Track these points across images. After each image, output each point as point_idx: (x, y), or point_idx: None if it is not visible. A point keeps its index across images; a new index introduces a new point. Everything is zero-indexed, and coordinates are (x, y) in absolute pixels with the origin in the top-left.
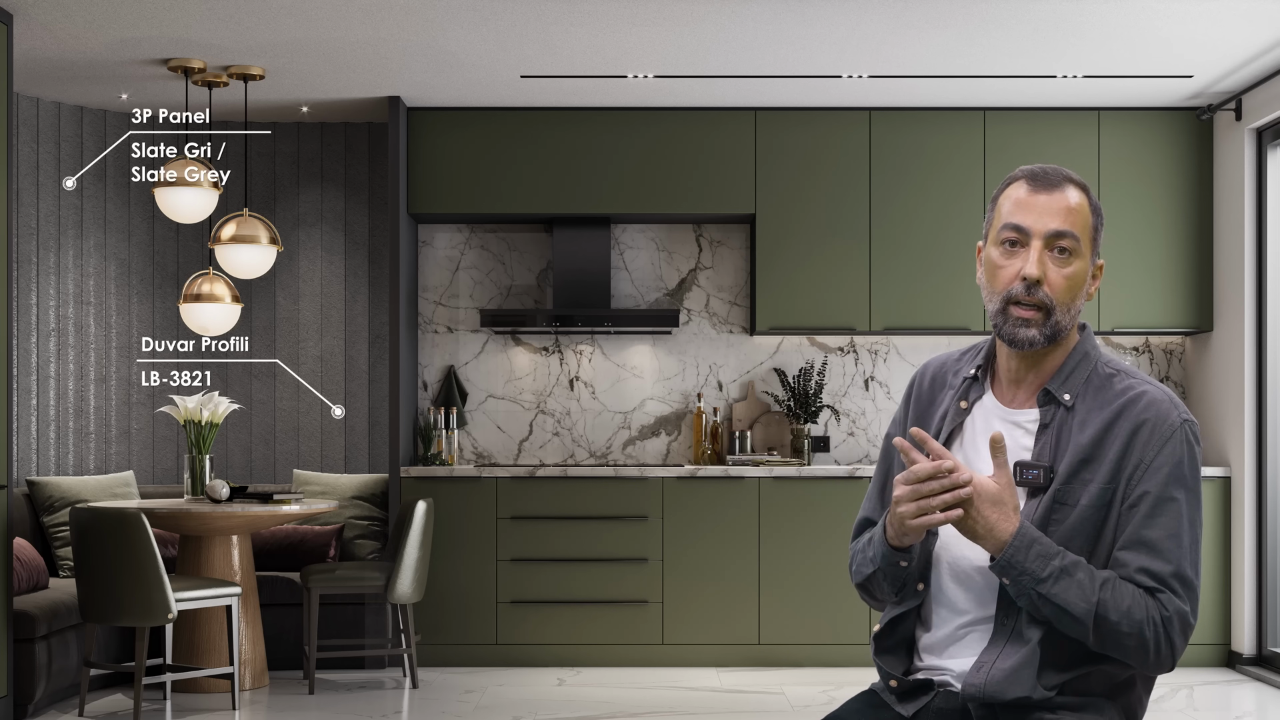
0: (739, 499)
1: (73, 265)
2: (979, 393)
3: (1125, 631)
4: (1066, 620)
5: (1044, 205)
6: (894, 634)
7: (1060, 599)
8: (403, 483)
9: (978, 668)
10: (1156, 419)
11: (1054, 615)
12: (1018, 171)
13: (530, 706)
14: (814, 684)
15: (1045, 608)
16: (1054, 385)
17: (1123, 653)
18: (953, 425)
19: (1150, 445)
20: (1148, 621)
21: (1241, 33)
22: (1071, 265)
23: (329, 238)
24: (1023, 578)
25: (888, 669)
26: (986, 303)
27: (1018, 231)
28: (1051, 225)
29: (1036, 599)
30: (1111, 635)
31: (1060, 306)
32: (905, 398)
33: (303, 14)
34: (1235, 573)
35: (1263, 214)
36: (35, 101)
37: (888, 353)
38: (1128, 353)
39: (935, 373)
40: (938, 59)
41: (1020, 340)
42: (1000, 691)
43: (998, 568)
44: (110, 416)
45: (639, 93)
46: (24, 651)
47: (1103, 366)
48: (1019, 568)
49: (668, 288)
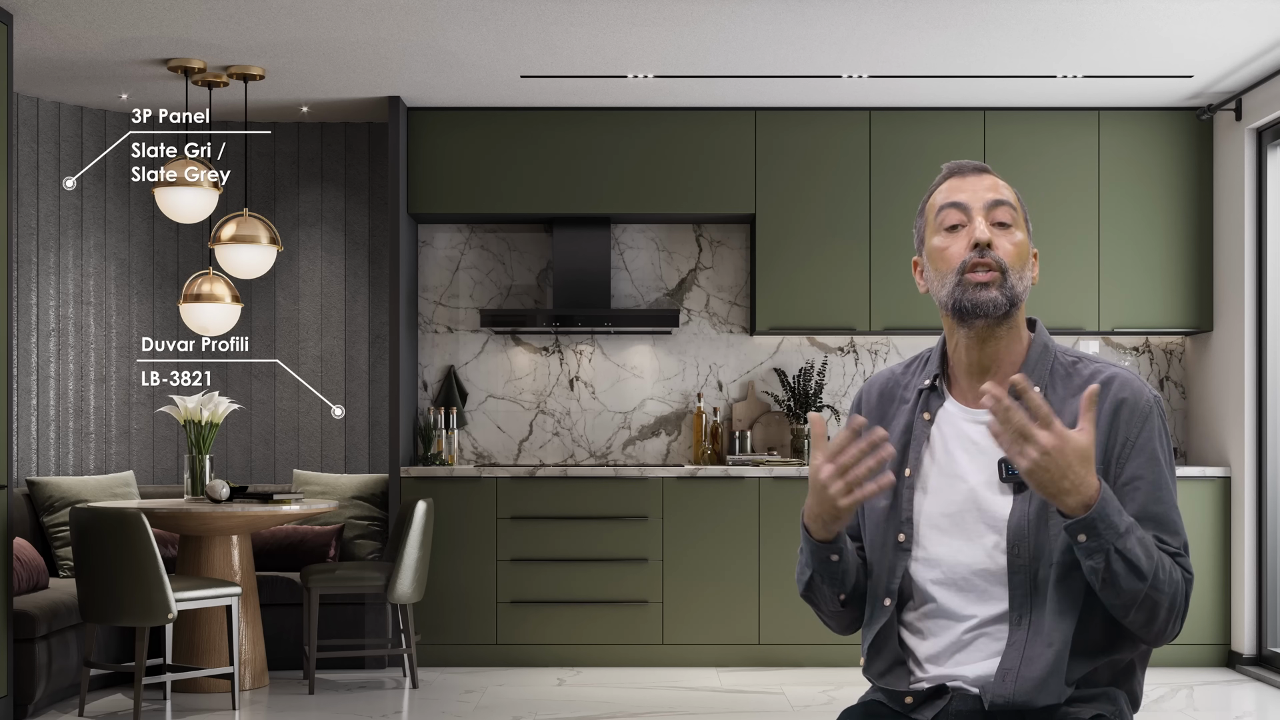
0: (739, 499)
1: (73, 265)
2: (939, 401)
3: (1166, 591)
4: (1131, 578)
5: (974, 184)
6: (881, 656)
7: (1133, 553)
8: (403, 483)
9: (1002, 676)
10: (1134, 397)
11: (1122, 571)
12: (941, 172)
13: (530, 706)
14: (814, 684)
15: (1117, 564)
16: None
17: (1149, 616)
18: (921, 438)
19: (1133, 423)
20: (1181, 584)
21: (1241, 33)
22: (1015, 234)
23: (329, 238)
24: (1108, 532)
25: (895, 689)
26: (939, 291)
27: (958, 209)
28: (989, 196)
29: (1113, 555)
30: (1155, 594)
31: (1013, 270)
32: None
33: (303, 14)
34: (1235, 573)
35: (1263, 214)
36: (35, 101)
37: (888, 353)
38: (1128, 353)
39: (883, 388)
40: (938, 59)
41: (983, 302)
42: (1030, 701)
43: (1083, 524)
44: (110, 416)
45: (639, 93)
46: (24, 651)
47: (1063, 356)
48: (1106, 521)
49: (668, 288)
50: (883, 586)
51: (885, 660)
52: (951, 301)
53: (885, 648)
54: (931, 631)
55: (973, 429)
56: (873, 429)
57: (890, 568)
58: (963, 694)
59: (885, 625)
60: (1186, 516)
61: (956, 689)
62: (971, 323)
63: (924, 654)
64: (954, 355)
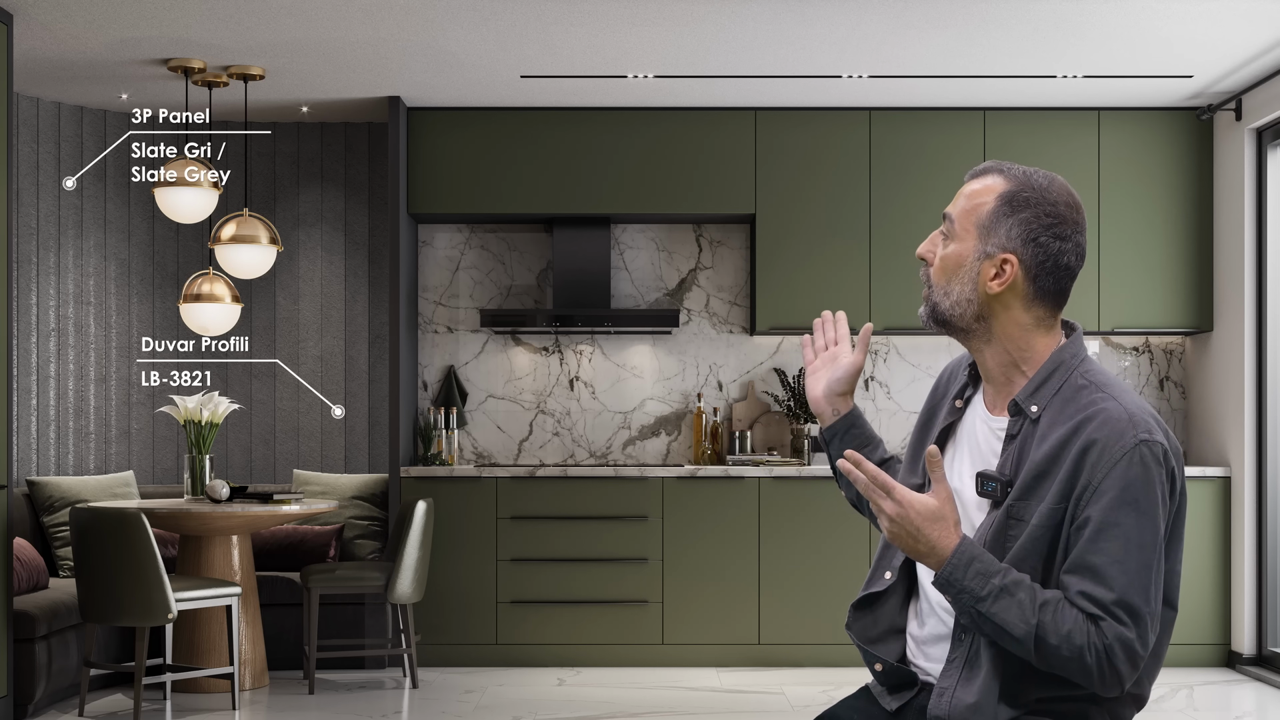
0: (739, 499)
1: (73, 265)
2: (973, 394)
3: (1066, 656)
4: (1007, 640)
5: (961, 192)
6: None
7: (999, 618)
8: (403, 483)
9: (939, 694)
10: (1106, 440)
11: (994, 634)
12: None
13: (530, 706)
14: (814, 684)
15: (985, 626)
16: (1022, 396)
17: (1068, 674)
18: (945, 424)
19: (1099, 467)
20: (1089, 647)
21: (1241, 33)
22: (950, 245)
23: (329, 238)
24: (962, 595)
25: (876, 654)
26: None
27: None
28: (949, 209)
29: (976, 617)
30: (1053, 657)
31: (937, 287)
32: (932, 390)
33: (303, 14)
34: (1235, 573)
35: (1263, 214)
36: (35, 101)
37: (888, 353)
38: (1128, 353)
39: (954, 369)
40: (938, 59)
41: (920, 314)
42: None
43: (938, 583)
44: (110, 416)
45: (639, 93)
46: (24, 651)
47: (1079, 377)
48: (958, 585)
49: (668, 288)
50: (888, 562)
51: (878, 626)
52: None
53: (878, 612)
54: (922, 616)
55: (982, 431)
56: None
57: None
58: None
59: (882, 595)
60: (1188, 517)
61: (926, 682)
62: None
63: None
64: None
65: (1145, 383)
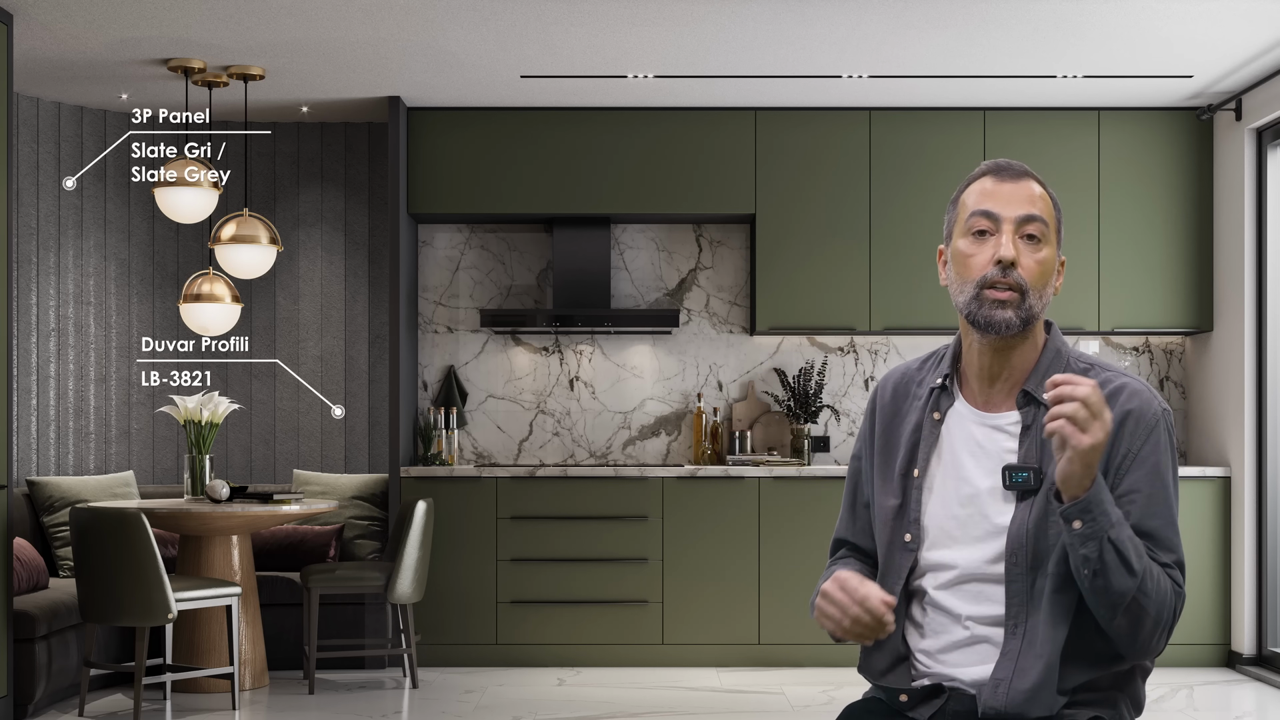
0: (739, 499)
1: (73, 265)
2: (950, 401)
3: (1154, 598)
4: (1122, 572)
5: (1011, 193)
6: (882, 653)
7: (1124, 547)
8: (403, 483)
9: (994, 685)
10: (1141, 409)
11: (1113, 564)
12: (981, 166)
13: (530, 706)
14: (814, 684)
15: (1109, 554)
16: (1032, 385)
17: (1135, 623)
18: (931, 439)
19: (1137, 435)
20: (1170, 596)
21: (1241, 33)
22: (1042, 250)
23: (329, 238)
24: (1102, 519)
25: (894, 686)
26: (957, 295)
27: (988, 218)
28: (1021, 210)
29: (1105, 544)
30: (1142, 599)
31: (1033, 290)
32: (869, 413)
33: (303, 14)
34: (1235, 573)
35: (1263, 214)
36: (35, 101)
37: (888, 353)
38: (1128, 353)
39: (897, 384)
40: (938, 59)
41: (997, 322)
42: (1022, 712)
43: (1080, 507)
44: (110, 416)
45: (639, 93)
46: (24, 651)
47: (1075, 363)
48: (1102, 508)
49: (668, 288)
50: (888, 586)
51: (886, 658)
52: (967, 311)
53: (886, 645)
54: (931, 629)
55: (981, 433)
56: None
57: (897, 567)
58: (960, 694)
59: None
60: (1188, 516)
61: (954, 689)
62: (984, 332)
63: (921, 648)
64: (967, 358)
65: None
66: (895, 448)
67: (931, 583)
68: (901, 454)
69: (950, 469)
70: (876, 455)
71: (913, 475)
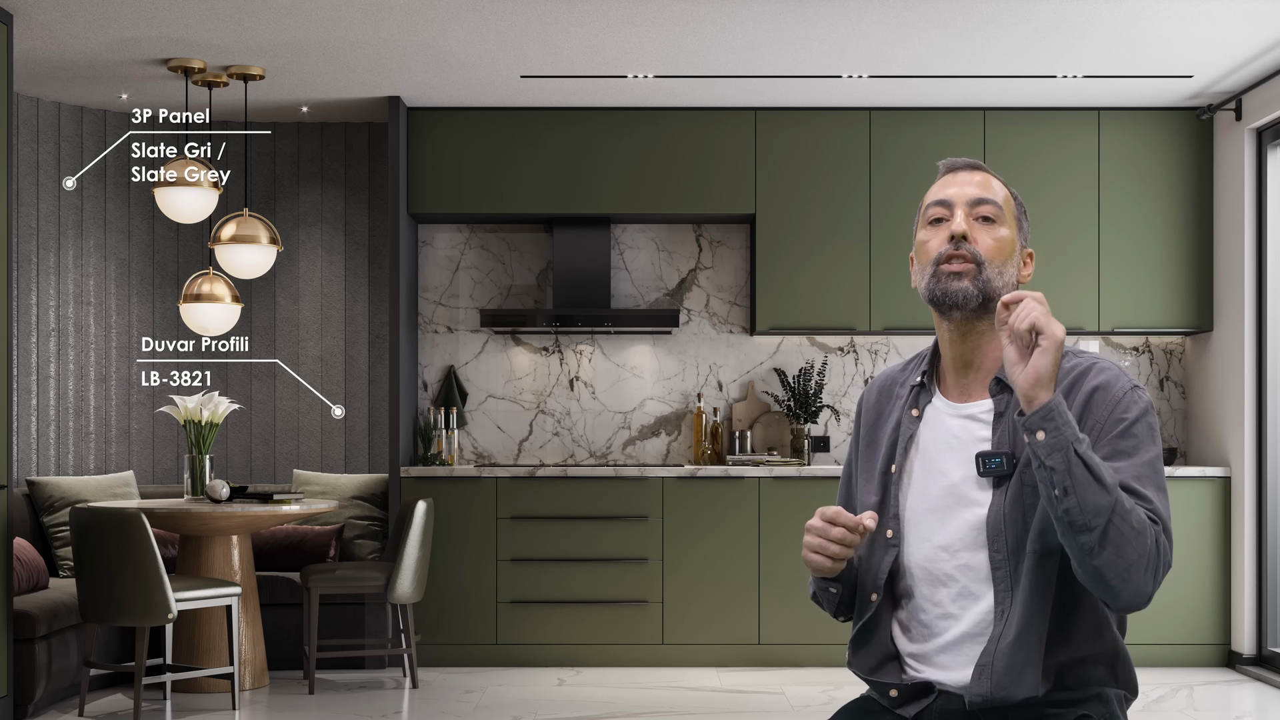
0: (739, 499)
1: (73, 265)
2: (928, 398)
3: (1135, 527)
4: (1093, 485)
5: (963, 180)
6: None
7: (1092, 461)
8: (403, 483)
9: (979, 673)
10: (1109, 383)
11: (1081, 477)
12: (939, 167)
13: (530, 706)
14: (814, 684)
15: (1077, 468)
16: (1004, 373)
17: (1118, 553)
18: (908, 434)
19: (1104, 405)
20: (1151, 531)
21: (1241, 33)
22: (999, 230)
23: (329, 238)
24: (1066, 429)
25: (884, 681)
26: (919, 283)
27: (942, 205)
28: (972, 193)
29: (1072, 457)
30: (1120, 523)
31: (990, 265)
32: (857, 416)
33: (303, 14)
34: (1235, 573)
35: (1263, 214)
36: (35, 101)
37: (888, 353)
38: (1128, 353)
39: (882, 386)
40: (938, 59)
41: (953, 292)
42: (1007, 695)
43: (1040, 414)
44: (110, 416)
45: (639, 93)
46: (24, 651)
47: None
48: (1064, 417)
49: (668, 288)
50: (870, 582)
51: (874, 655)
52: (927, 292)
53: (872, 641)
54: (918, 630)
55: (956, 424)
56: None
57: (878, 563)
58: (948, 693)
59: (871, 619)
60: (1187, 516)
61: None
62: (949, 314)
63: (909, 652)
64: (942, 351)
65: (1145, 383)
66: (878, 447)
67: (915, 581)
68: (883, 452)
69: (927, 462)
70: (861, 456)
71: (891, 471)
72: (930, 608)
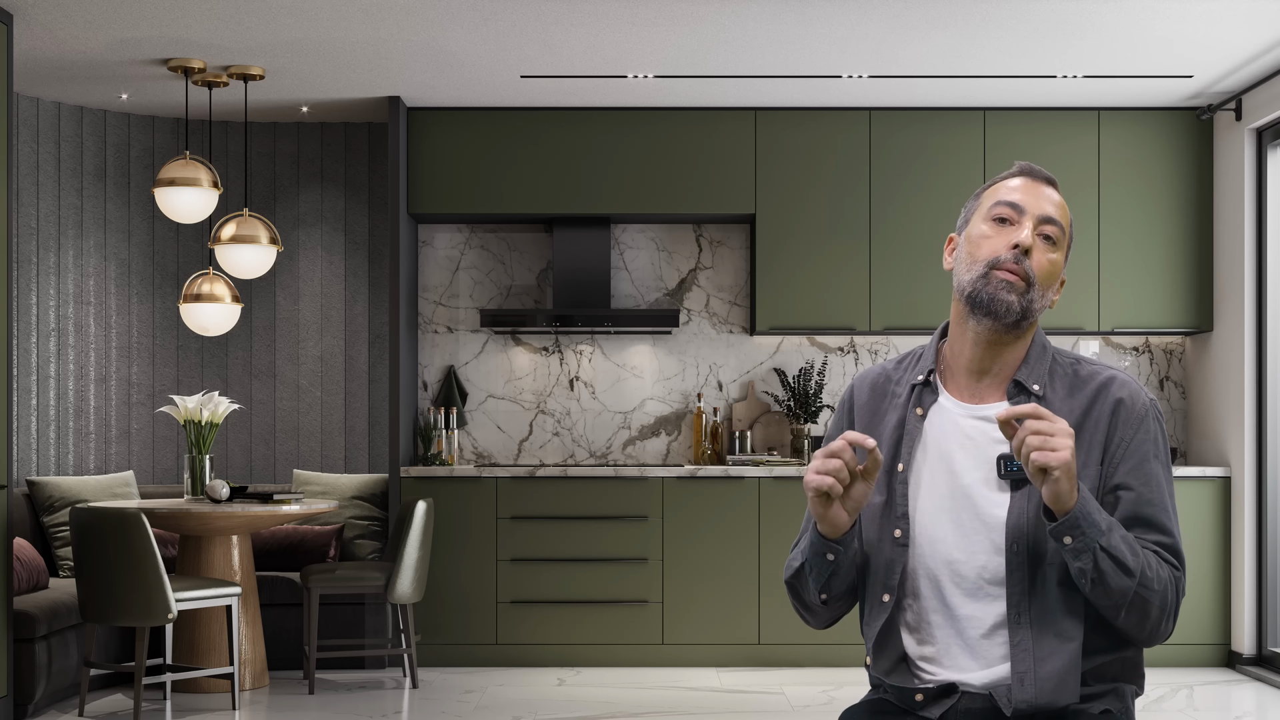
0: (739, 499)
1: (73, 265)
2: (933, 396)
3: (1156, 589)
4: (1119, 575)
5: (1042, 194)
6: (887, 654)
7: (1117, 551)
8: (403, 483)
9: (1020, 680)
10: (1131, 399)
11: (1109, 570)
12: (1014, 167)
13: (530, 706)
14: (814, 684)
15: (1104, 562)
16: (1023, 375)
17: (1142, 615)
18: (913, 434)
19: (1129, 424)
20: (1171, 582)
21: (1241, 33)
22: (1054, 253)
23: (329, 238)
24: (1091, 530)
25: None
26: (963, 275)
27: (1013, 208)
28: (1046, 210)
29: (1099, 553)
30: (1145, 592)
31: (1038, 286)
32: (844, 411)
33: (303, 14)
34: (1235, 573)
35: (1263, 214)
36: (35, 101)
37: (888, 353)
38: (1128, 353)
39: (874, 382)
40: (938, 59)
41: (1000, 303)
42: (1052, 701)
43: (1067, 524)
44: (110, 416)
45: (639, 93)
46: (24, 651)
47: (1061, 357)
48: (1089, 520)
49: (668, 288)
50: (880, 583)
51: (891, 658)
52: (971, 289)
53: (889, 644)
54: (930, 633)
55: (969, 425)
56: (864, 438)
57: (888, 564)
58: (971, 693)
59: (888, 622)
60: (1187, 516)
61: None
62: (981, 318)
63: (922, 654)
64: (953, 350)
65: (1145, 383)
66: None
67: (926, 584)
68: (884, 451)
69: (938, 462)
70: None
71: (897, 470)
72: (942, 609)
